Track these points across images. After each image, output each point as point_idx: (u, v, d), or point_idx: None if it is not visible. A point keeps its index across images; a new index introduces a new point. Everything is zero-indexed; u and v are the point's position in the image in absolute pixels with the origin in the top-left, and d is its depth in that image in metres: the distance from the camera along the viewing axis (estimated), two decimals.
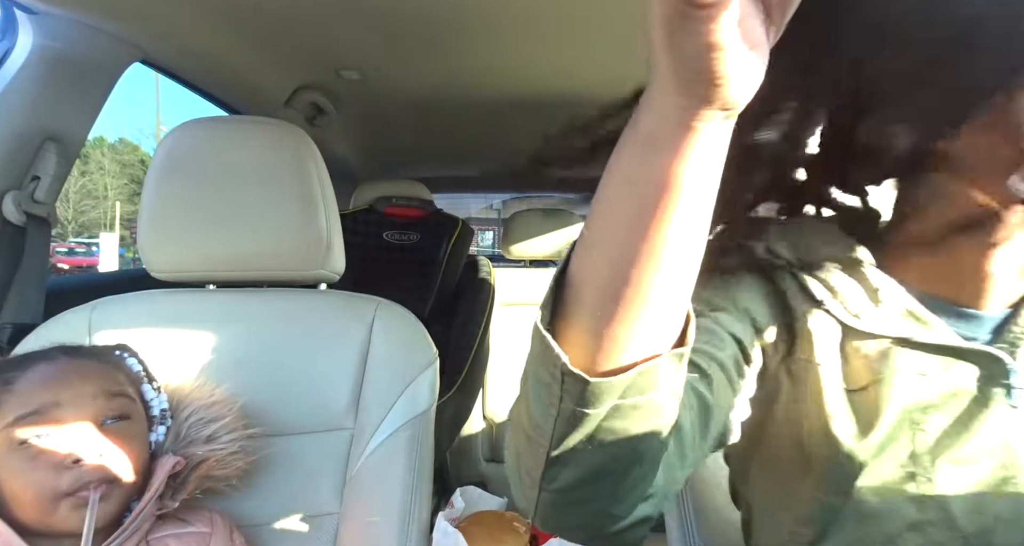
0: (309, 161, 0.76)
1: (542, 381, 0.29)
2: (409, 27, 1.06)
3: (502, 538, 0.90)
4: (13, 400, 0.52)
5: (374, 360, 0.74)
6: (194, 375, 0.69)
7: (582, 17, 1.02)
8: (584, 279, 0.29)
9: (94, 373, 0.56)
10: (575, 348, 0.28)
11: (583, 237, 0.29)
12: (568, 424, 0.29)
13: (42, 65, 0.83)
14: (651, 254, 0.26)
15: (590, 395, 0.28)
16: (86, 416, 0.53)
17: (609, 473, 0.31)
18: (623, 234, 0.27)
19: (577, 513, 0.34)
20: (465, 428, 1.62)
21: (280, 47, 1.15)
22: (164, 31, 0.96)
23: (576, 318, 0.29)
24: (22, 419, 0.51)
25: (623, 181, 0.27)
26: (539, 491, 0.32)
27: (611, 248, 0.27)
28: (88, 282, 1.37)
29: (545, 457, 0.30)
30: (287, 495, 0.69)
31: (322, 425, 0.72)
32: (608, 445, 0.30)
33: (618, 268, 0.27)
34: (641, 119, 0.26)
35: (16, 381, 0.53)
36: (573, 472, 0.31)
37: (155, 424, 0.61)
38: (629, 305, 0.27)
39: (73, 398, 0.53)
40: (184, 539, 0.59)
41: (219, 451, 0.63)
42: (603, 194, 0.28)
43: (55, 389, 0.53)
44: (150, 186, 0.75)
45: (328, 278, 0.81)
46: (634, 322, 0.27)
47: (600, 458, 0.30)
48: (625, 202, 0.27)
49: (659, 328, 0.29)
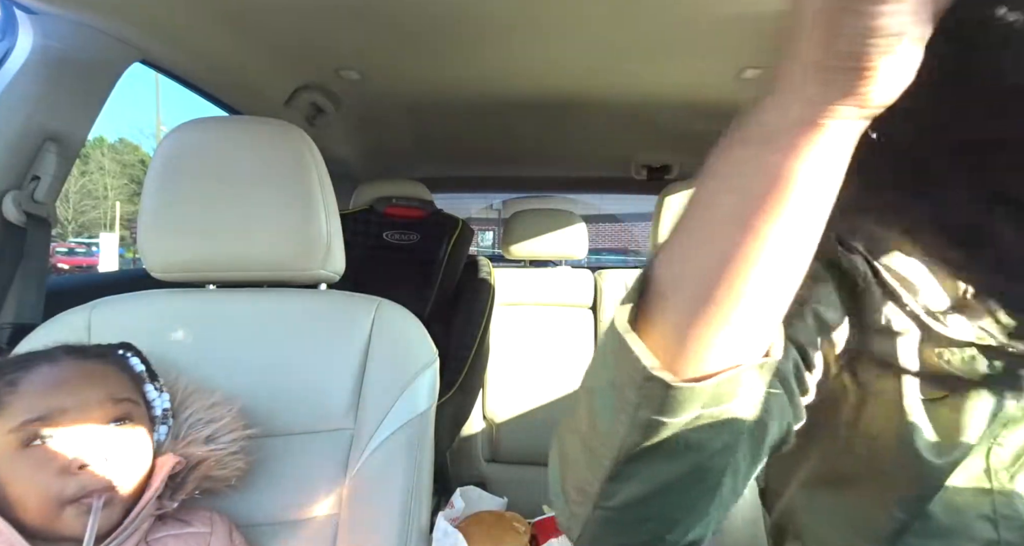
0: (309, 161, 0.76)
1: (616, 386, 0.27)
2: (409, 27, 1.06)
3: (502, 538, 0.90)
4: (18, 402, 0.52)
5: (374, 360, 0.74)
6: (194, 375, 0.70)
7: (582, 18, 1.02)
8: (674, 280, 0.27)
9: (99, 377, 0.56)
10: (655, 352, 0.26)
11: (675, 237, 0.28)
12: (641, 434, 0.27)
13: (42, 65, 0.83)
14: (754, 255, 0.25)
15: (672, 402, 0.26)
16: (91, 421, 0.53)
17: (674, 490, 0.29)
18: (725, 232, 0.25)
19: (630, 533, 0.31)
20: (465, 428, 1.62)
21: (280, 47, 1.15)
22: (164, 31, 0.96)
23: (660, 321, 0.27)
24: (29, 423, 0.51)
25: (731, 177, 0.26)
26: (592, 508, 0.30)
27: (710, 247, 0.26)
28: (88, 282, 1.37)
29: (607, 471, 0.28)
30: (287, 495, 0.69)
31: (322, 425, 0.72)
32: (681, 459, 0.28)
33: (716, 269, 0.25)
34: (761, 113, 0.24)
35: (20, 382, 0.53)
36: (636, 488, 0.29)
37: (157, 424, 0.61)
38: (723, 308, 0.26)
39: (79, 404, 0.53)
40: (184, 539, 0.59)
41: (219, 451, 0.63)
42: (705, 192, 0.27)
43: (61, 394, 0.53)
44: (150, 186, 0.75)
45: (328, 278, 0.81)
46: (725, 327, 0.26)
47: (669, 473, 0.28)
48: (731, 199, 0.25)
49: (750, 335, 0.27)
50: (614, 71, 1.26)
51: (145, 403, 0.60)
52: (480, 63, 1.22)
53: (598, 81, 1.32)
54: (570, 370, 1.69)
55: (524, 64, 1.23)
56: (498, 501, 1.05)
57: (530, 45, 1.13)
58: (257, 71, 1.21)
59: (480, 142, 1.84)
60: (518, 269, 1.87)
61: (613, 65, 1.23)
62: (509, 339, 1.74)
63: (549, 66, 1.24)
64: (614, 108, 1.49)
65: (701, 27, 1.05)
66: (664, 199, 1.52)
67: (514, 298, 1.80)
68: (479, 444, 1.69)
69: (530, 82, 1.33)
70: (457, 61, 1.21)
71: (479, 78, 1.31)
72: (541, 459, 1.46)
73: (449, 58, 1.20)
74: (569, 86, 1.35)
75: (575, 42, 1.12)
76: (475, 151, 1.95)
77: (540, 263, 1.89)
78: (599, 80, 1.31)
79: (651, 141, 1.76)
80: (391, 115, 1.60)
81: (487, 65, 1.24)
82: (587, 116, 1.57)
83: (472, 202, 4.12)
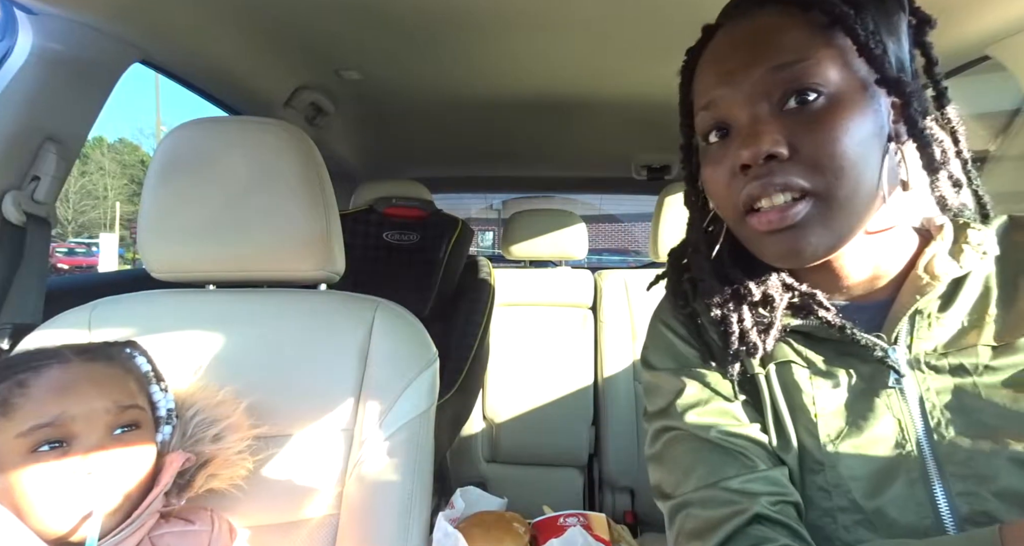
0: (309, 161, 0.76)
1: None
2: (409, 27, 1.06)
3: (502, 538, 0.90)
4: (28, 406, 0.52)
5: (374, 360, 0.74)
6: (196, 375, 0.70)
7: (582, 18, 1.02)
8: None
9: (107, 383, 0.57)
10: None
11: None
12: None
13: (42, 65, 0.83)
14: None
15: None
16: (98, 428, 0.54)
17: None
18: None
19: None
20: (465, 428, 1.62)
21: (280, 47, 1.15)
22: (164, 31, 0.96)
23: None
24: (37, 429, 0.51)
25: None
26: None
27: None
28: (88, 282, 1.37)
29: None
30: (287, 495, 0.69)
31: (322, 425, 0.72)
32: None
33: None
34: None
35: (30, 384, 0.53)
36: None
37: (161, 424, 0.61)
38: None
39: (86, 412, 0.53)
40: (185, 537, 0.59)
41: (226, 450, 0.63)
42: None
43: (69, 400, 0.53)
44: (150, 186, 0.75)
45: (328, 278, 0.81)
46: None
47: None
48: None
49: None
50: (614, 71, 1.26)
51: (150, 405, 0.61)
52: (480, 63, 1.22)
53: (598, 81, 1.32)
54: (570, 370, 1.69)
55: (524, 64, 1.23)
56: (498, 501, 1.05)
57: (530, 45, 1.13)
58: (257, 71, 1.21)
59: (480, 142, 1.84)
60: (518, 269, 1.87)
61: (613, 65, 1.23)
62: (509, 339, 1.74)
63: (549, 66, 1.24)
64: (614, 108, 1.49)
65: (701, 27, 1.05)
66: (664, 199, 1.52)
67: (514, 298, 1.80)
68: (479, 444, 1.68)
69: (530, 82, 1.33)
70: (457, 61, 1.21)
71: (479, 78, 1.31)
72: (541, 459, 1.46)
73: (449, 58, 1.20)
74: (569, 86, 1.35)
75: (575, 42, 1.12)
76: (475, 151, 1.95)
77: (540, 263, 1.89)
78: (599, 80, 1.32)
79: (651, 141, 1.76)
80: (391, 115, 1.60)
81: (487, 65, 1.24)
82: (587, 116, 1.57)
83: (472, 202, 4.12)
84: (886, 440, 0.45)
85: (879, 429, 0.45)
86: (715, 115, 0.47)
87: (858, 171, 0.42)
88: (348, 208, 1.63)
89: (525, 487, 1.62)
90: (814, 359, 0.49)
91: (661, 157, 1.92)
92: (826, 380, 0.48)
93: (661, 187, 1.59)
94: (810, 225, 0.43)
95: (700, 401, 0.50)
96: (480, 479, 1.65)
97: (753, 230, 0.46)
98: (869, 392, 0.46)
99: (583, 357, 1.70)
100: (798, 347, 0.50)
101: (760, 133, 0.43)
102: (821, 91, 0.43)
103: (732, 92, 0.45)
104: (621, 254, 9.80)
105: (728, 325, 0.50)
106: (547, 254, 1.83)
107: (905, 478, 0.43)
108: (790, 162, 0.43)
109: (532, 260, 1.87)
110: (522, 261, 1.89)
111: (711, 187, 0.49)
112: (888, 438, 0.45)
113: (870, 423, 0.45)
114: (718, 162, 0.47)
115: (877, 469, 0.44)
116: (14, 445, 0.51)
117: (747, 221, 0.46)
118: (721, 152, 0.47)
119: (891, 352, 0.46)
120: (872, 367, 0.47)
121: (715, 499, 0.46)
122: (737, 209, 0.46)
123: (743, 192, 0.45)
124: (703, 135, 0.50)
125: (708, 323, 0.53)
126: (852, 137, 0.42)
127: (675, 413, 0.51)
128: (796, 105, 0.43)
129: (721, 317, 0.50)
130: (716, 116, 0.47)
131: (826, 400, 0.47)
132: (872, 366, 0.47)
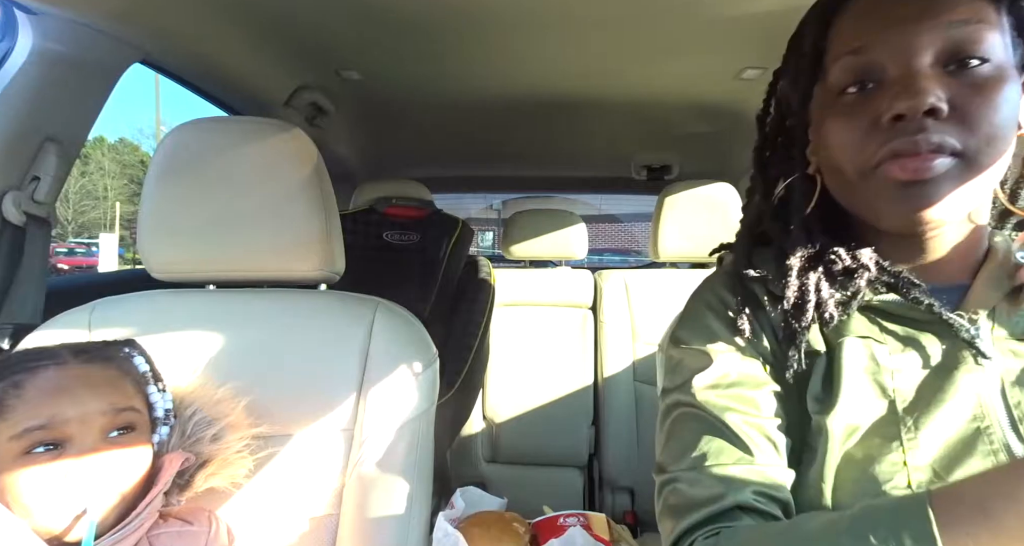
0: (309, 161, 0.76)
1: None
2: (409, 27, 1.06)
3: (502, 538, 0.90)
4: (23, 407, 0.52)
5: (374, 360, 0.74)
6: (196, 375, 0.70)
7: (582, 18, 1.02)
8: None
9: (103, 385, 0.56)
10: None
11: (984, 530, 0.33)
12: None
13: (42, 66, 0.83)
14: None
15: None
16: (93, 430, 0.54)
17: None
18: None
19: None
20: (465, 428, 1.62)
21: (280, 47, 1.15)
22: (164, 31, 0.96)
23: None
24: (31, 431, 0.51)
25: None
26: None
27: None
28: (88, 282, 1.37)
29: None
30: (287, 495, 0.69)
31: (322, 425, 0.72)
32: None
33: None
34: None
35: (25, 385, 0.53)
36: None
37: (158, 424, 0.61)
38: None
39: (81, 415, 0.53)
40: (183, 537, 0.59)
41: (225, 450, 0.63)
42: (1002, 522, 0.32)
43: (63, 402, 0.53)
44: (150, 186, 0.75)
45: (328, 278, 0.81)
46: None
47: None
48: None
49: None
50: (614, 71, 1.26)
51: (147, 406, 0.61)
52: (480, 63, 1.23)
53: (598, 81, 1.32)
54: (570, 370, 1.69)
55: (524, 64, 1.23)
56: (498, 501, 1.05)
57: (530, 45, 1.13)
58: (257, 71, 1.21)
59: (480, 142, 1.84)
60: (518, 269, 1.87)
61: (613, 65, 1.23)
62: (509, 339, 1.74)
63: (549, 66, 1.24)
64: (614, 108, 1.49)
65: (701, 27, 1.05)
66: (664, 199, 1.52)
67: (514, 298, 1.80)
68: (479, 444, 1.68)
69: (530, 82, 1.33)
70: (457, 61, 1.21)
71: (479, 78, 1.31)
72: (541, 459, 1.46)
73: (449, 58, 1.20)
74: (570, 86, 1.35)
75: (575, 42, 1.12)
76: (475, 151, 1.95)
77: (540, 263, 1.90)
78: (599, 80, 1.32)
79: (651, 141, 1.76)
80: (391, 115, 1.60)
81: (487, 65, 1.24)
82: (587, 116, 1.57)
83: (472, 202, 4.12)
84: (964, 415, 0.45)
85: (958, 405, 0.45)
86: (865, 61, 0.45)
87: (1005, 144, 0.43)
88: (348, 208, 1.63)
89: (525, 487, 1.61)
90: (890, 335, 0.48)
91: (661, 157, 1.92)
92: (904, 356, 0.47)
93: (661, 187, 1.59)
94: (948, 182, 0.43)
95: (720, 383, 0.50)
96: (480, 479, 1.65)
97: (886, 180, 0.44)
98: (949, 369, 0.46)
99: (583, 357, 1.70)
100: (878, 322, 0.49)
101: (923, 86, 0.42)
102: (987, 59, 0.43)
103: (898, 38, 0.44)
104: (621, 254, 9.80)
105: (805, 294, 0.48)
106: (547, 254, 1.83)
107: (984, 449, 0.44)
108: (947, 121, 0.42)
109: (532, 260, 1.87)
110: (522, 261, 1.89)
111: (836, 139, 0.47)
112: (966, 413, 0.45)
113: (951, 399, 0.45)
114: (853, 113, 0.46)
115: (955, 442, 0.44)
116: (8, 447, 0.51)
117: (879, 172, 0.44)
118: (860, 103, 0.45)
119: (975, 332, 0.45)
120: (950, 345, 0.47)
121: (703, 480, 0.46)
122: (868, 163, 0.45)
123: (886, 146, 0.43)
124: (840, 83, 0.47)
125: (777, 295, 0.51)
126: (1009, 110, 0.43)
127: (691, 389, 0.50)
128: (955, 67, 0.43)
129: (799, 286, 0.49)
130: (865, 62, 0.45)
131: (905, 376, 0.47)
132: (950, 344, 0.47)
